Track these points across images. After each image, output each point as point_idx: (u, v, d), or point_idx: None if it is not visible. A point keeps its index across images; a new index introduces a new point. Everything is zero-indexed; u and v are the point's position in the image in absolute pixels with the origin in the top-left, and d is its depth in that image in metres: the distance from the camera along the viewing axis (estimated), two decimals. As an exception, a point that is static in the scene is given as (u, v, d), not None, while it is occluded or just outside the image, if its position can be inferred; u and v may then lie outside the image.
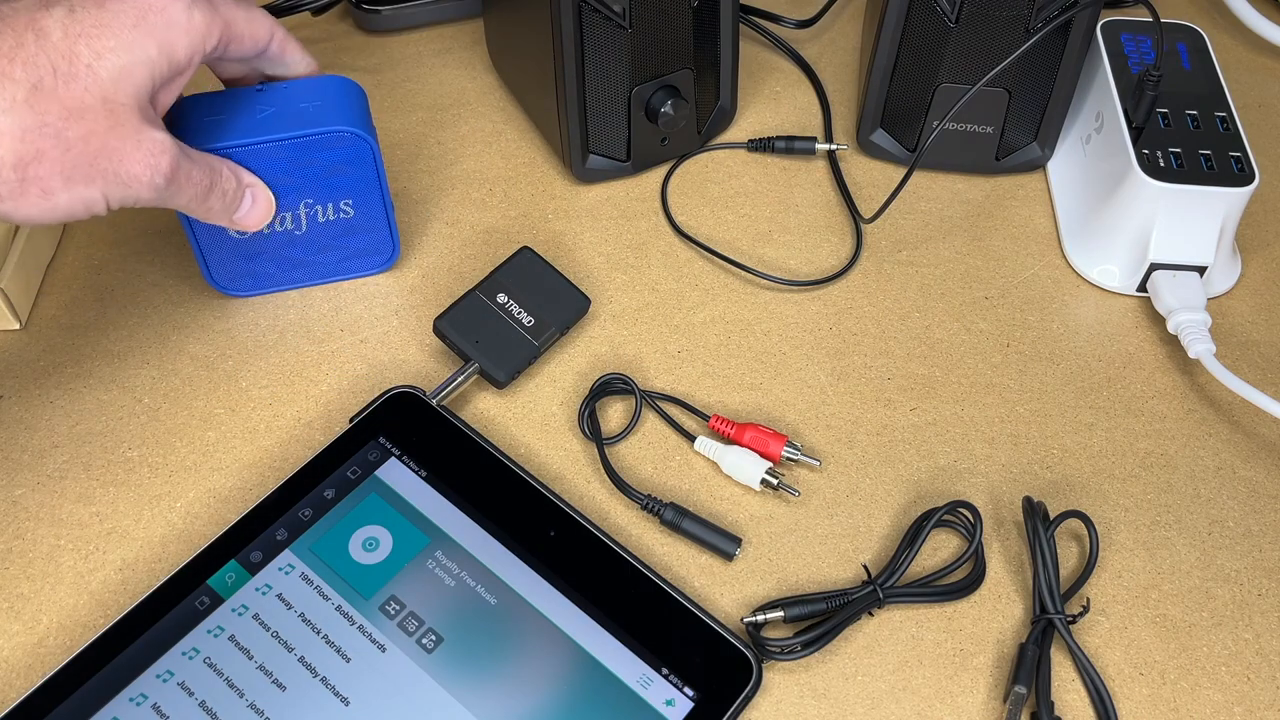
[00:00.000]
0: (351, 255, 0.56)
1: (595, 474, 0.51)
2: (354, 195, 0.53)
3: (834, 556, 0.49)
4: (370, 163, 0.52)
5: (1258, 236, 0.62)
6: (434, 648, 0.44)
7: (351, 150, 0.52)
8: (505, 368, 0.53)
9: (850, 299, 0.58)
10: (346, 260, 0.56)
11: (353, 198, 0.53)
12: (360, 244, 0.56)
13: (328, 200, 0.53)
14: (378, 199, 0.54)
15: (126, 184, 0.43)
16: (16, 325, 0.55)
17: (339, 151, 0.51)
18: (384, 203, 0.55)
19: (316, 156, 0.51)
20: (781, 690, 0.45)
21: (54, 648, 0.45)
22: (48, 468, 0.50)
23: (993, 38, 0.57)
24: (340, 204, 0.53)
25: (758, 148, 0.65)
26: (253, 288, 0.56)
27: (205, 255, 0.54)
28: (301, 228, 0.54)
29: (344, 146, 0.51)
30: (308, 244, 0.55)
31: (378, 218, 0.55)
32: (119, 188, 0.43)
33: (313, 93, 0.52)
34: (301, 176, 0.52)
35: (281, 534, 0.46)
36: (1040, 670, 0.45)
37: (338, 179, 0.52)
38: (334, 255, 0.56)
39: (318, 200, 0.53)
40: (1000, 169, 0.64)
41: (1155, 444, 0.53)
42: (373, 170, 0.53)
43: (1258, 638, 0.47)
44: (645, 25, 0.56)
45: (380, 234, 0.56)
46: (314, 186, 0.52)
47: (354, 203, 0.54)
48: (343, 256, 0.56)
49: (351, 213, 0.54)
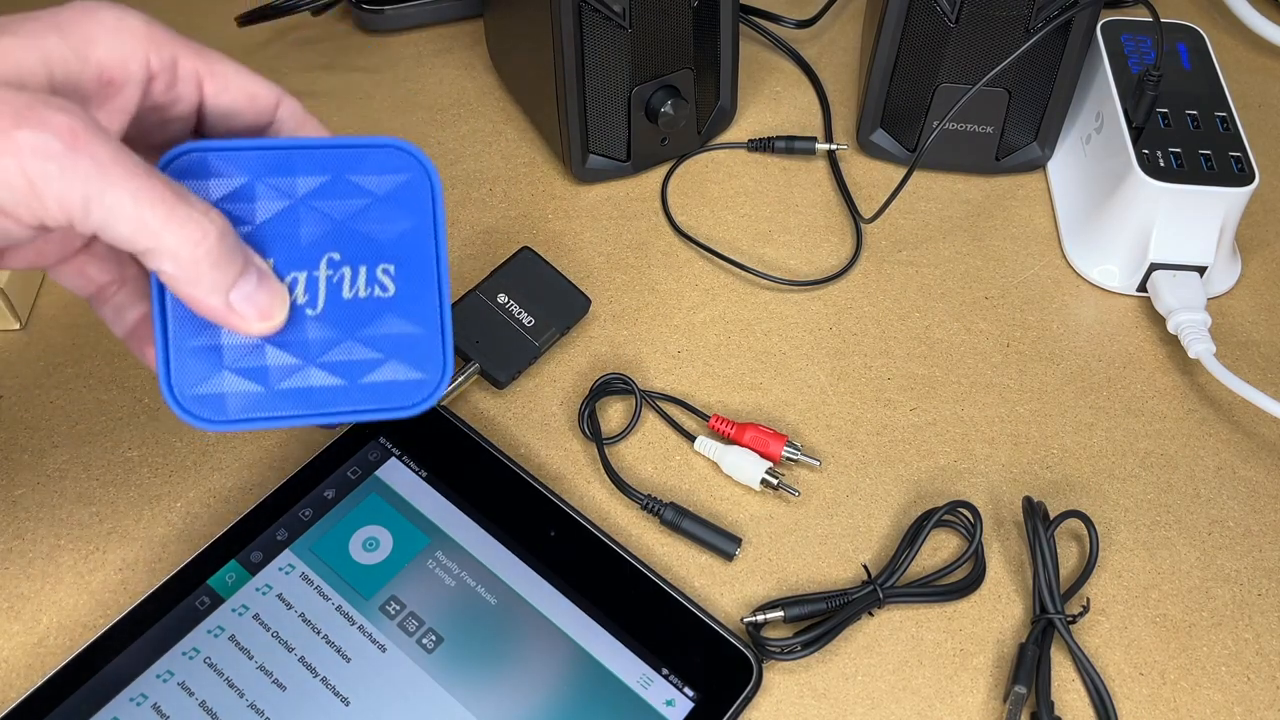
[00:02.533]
0: (381, 374, 0.37)
1: (595, 474, 0.51)
2: (400, 258, 0.36)
3: (834, 556, 0.49)
4: (428, 203, 0.37)
5: (1258, 236, 0.62)
6: (434, 648, 0.44)
7: (404, 182, 0.36)
8: (505, 368, 0.53)
9: (850, 299, 0.58)
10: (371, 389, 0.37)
11: (397, 262, 0.36)
12: (395, 345, 0.37)
13: (361, 260, 0.36)
14: (431, 268, 0.37)
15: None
16: (16, 325, 0.55)
17: (387, 181, 0.36)
18: (439, 278, 0.37)
19: (355, 181, 0.36)
20: (781, 690, 0.45)
21: (54, 648, 0.45)
22: (48, 468, 0.50)
23: (993, 38, 0.57)
24: (379, 270, 0.36)
25: (758, 148, 0.65)
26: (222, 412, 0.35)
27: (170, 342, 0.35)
28: (317, 302, 0.36)
29: (393, 171, 0.36)
30: (323, 337, 0.36)
31: (428, 305, 0.37)
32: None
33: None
34: (330, 216, 0.36)
35: (282, 534, 0.46)
36: (1040, 670, 0.45)
37: (380, 227, 0.36)
38: (358, 372, 0.36)
39: (347, 258, 0.36)
40: (1000, 169, 0.64)
41: (1155, 444, 0.53)
42: (429, 216, 0.37)
43: (1258, 638, 0.47)
44: (645, 25, 0.56)
45: (428, 330, 0.37)
46: (346, 234, 0.36)
47: (398, 270, 0.36)
48: (368, 373, 0.36)
49: (392, 288, 0.36)
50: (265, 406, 0.36)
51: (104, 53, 0.33)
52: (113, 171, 0.30)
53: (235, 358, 0.35)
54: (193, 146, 0.35)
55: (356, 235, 0.36)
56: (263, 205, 0.35)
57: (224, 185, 0.35)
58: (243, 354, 0.35)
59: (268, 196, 0.35)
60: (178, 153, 0.35)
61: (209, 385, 0.35)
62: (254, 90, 0.36)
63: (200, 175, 0.35)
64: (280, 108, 0.37)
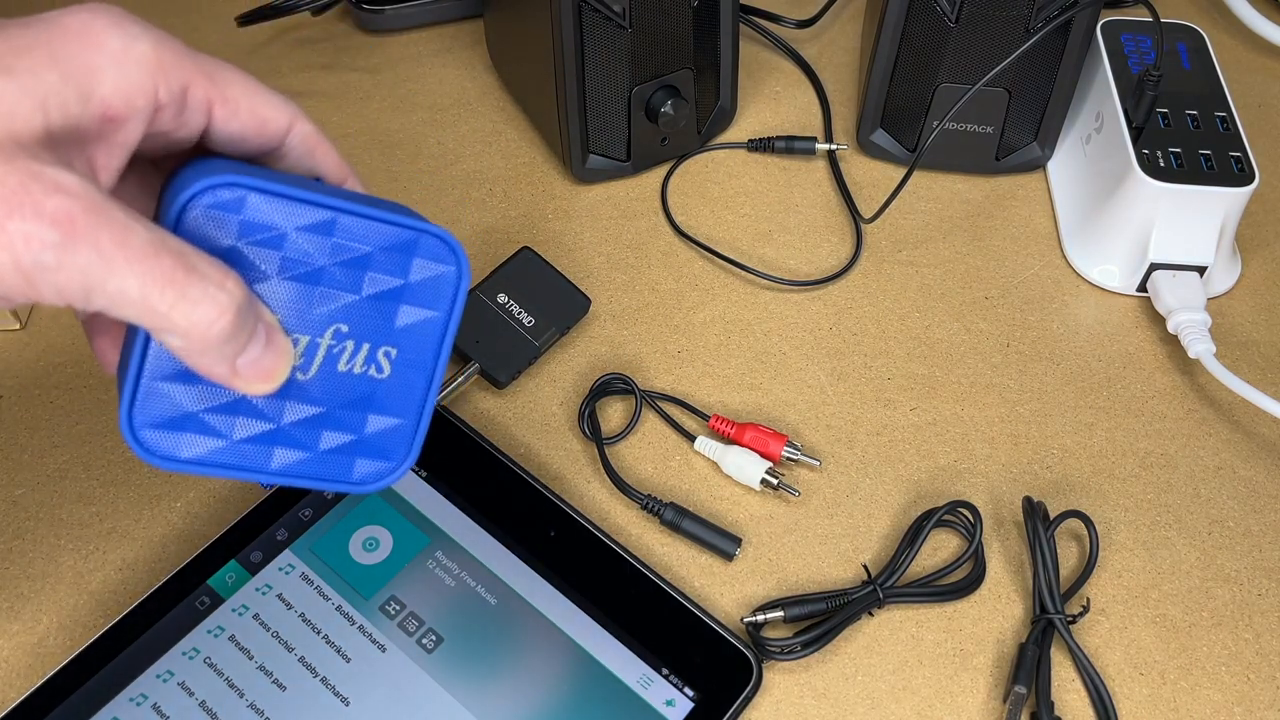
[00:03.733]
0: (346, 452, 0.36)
1: (595, 474, 0.51)
2: (405, 345, 0.36)
3: (834, 556, 0.49)
4: (451, 298, 0.36)
5: (1258, 236, 0.62)
6: (434, 648, 0.44)
7: (438, 274, 0.36)
8: (505, 368, 0.53)
9: (850, 299, 0.58)
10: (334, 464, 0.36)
11: (401, 348, 0.36)
12: (368, 428, 0.36)
13: (367, 338, 0.35)
14: (431, 361, 0.36)
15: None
16: (16, 325, 0.55)
17: (421, 269, 0.35)
18: (435, 371, 0.37)
19: (389, 262, 0.35)
20: (781, 690, 0.45)
21: (54, 648, 0.45)
22: (48, 468, 0.50)
23: (993, 38, 0.57)
24: (380, 351, 0.36)
25: (758, 148, 0.65)
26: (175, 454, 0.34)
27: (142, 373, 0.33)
28: (310, 368, 0.35)
29: (432, 260, 0.35)
30: (302, 400, 0.35)
31: (414, 396, 0.37)
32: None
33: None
34: (353, 289, 0.34)
35: (282, 534, 0.46)
36: (1040, 670, 0.45)
37: (397, 312, 0.35)
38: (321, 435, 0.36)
39: (354, 333, 0.35)
40: (1000, 169, 0.64)
41: (1155, 444, 0.53)
42: (448, 312, 0.36)
43: (1258, 638, 0.47)
44: (645, 25, 0.56)
45: (403, 425, 0.37)
46: (361, 311, 0.35)
47: (399, 355, 0.36)
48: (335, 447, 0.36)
49: (387, 371, 0.36)
50: (220, 458, 0.34)
51: (109, 89, 0.30)
52: (116, 257, 0.28)
53: (207, 405, 0.34)
54: (233, 181, 0.32)
55: (371, 313, 0.35)
56: (289, 262, 0.33)
57: (255, 231, 0.32)
58: (216, 404, 0.34)
59: (297, 254, 0.33)
60: (212, 184, 0.32)
61: (170, 425, 0.33)
62: (266, 115, 0.34)
63: (232, 211, 0.32)
64: (292, 133, 0.35)
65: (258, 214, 0.32)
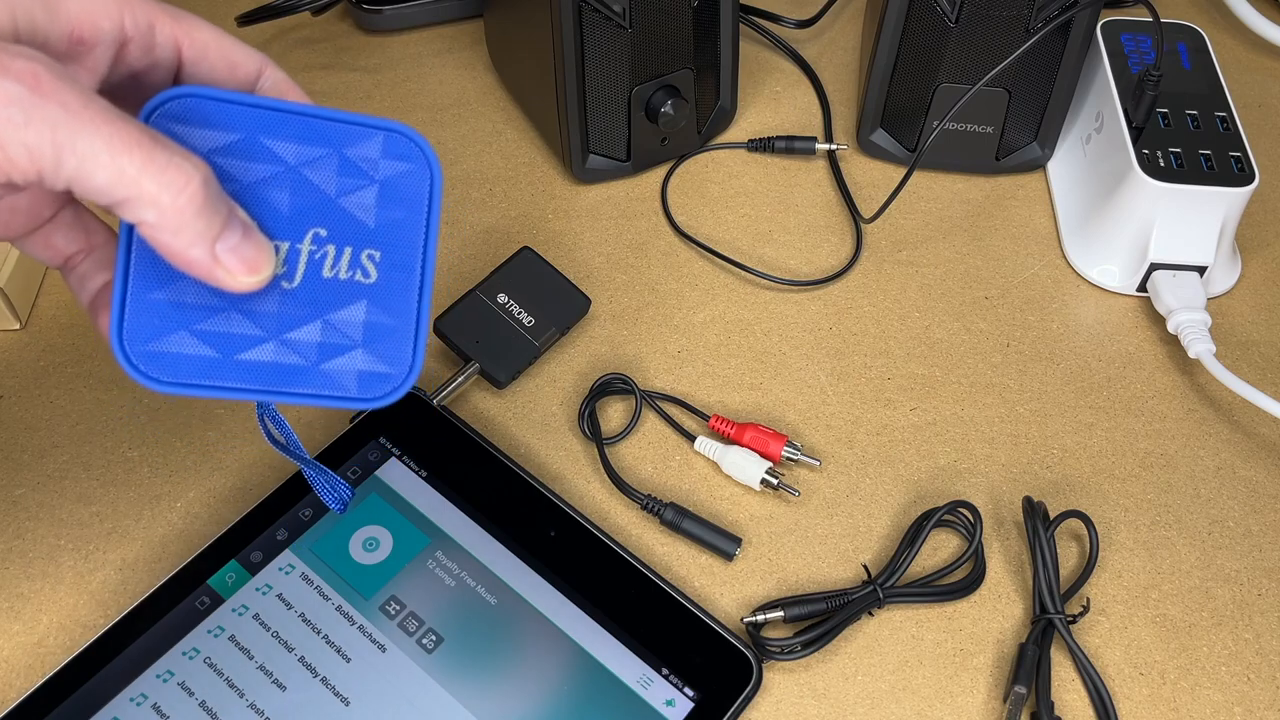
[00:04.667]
0: (347, 361, 0.35)
1: (595, 474, 0.51)
2: (387, 247, 0.35)
3: (834, 556, 0.49)
4: (425, 196, 0.35)
5: (1258, 236, 0.62)
6: (434, 648, 0.44)
7: (405, 171, 0.35)
8: (505, 368, 0.53)
9: (850, 299, 0.58)
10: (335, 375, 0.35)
11: (384, 250, 0.35)
12: (366, 334, 0.35)
13: (347, 241, 0.35)
14: (416, 262, 0.36)
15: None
16: (16, 325, 0.55)
17: (387, 167, 0.35)
18: (423, 274, 0.36)
19: (354, 161, 0.35)
20: (781, 690, 0.45)
21: (54, 648, 0.45)
22: (48, 468, 0.50)
23: (993, 38, 0.57)
24: (364, 254, 0.35)
25: (758, 148, 0.65)
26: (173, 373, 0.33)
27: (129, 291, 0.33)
28: (295, 278, 0.34)
29: (396, 158, 0.35)
30: (294, 314, 0.34)
31: (406, 300, 0.36)
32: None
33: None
34: (323, 190, 0.34)
35: (282, 534, 0.46)
36: (1040, 670, 0.45)
37: (372, 212, 0.35)
38: (322, 355, 0.35)
39: (334, 236, 0.35)
40: (1000, 169, 0.64)
41: (1155, 444, 0.53)
42: (424, 210, 0.35)
43: (1258, 638, 0.47)
44: (645, 25, 0.56)
45: (402, 324, 0.36)
46: (336, 212, 0.35)
47: (383, 258, 0.35)
48: (333, 357, 0.35)
49: (374, 274, 0.35)
50: (219, 374, 0.34)
51: (75, 9, 0.31)
52: (83, 116, 0.29)
53: (197, 319, 0.33)
54: (186, 91, 0.32)
55: (347, 215, 0.35)
56: (254, 166, 0.33)
57: (215, 138, 0.33)
58: (205, 316, 0.33)
59: (260, 158, 0.33)
60: (168, 96, 0.32)
61: (164, 343, 0.33)
62: (235, 58, 0.35)
63: (190, 122, 0.33)
64: (263, 77, 0.35)
65: (220, 121, 0.33)
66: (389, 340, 0.35)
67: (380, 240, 0.35)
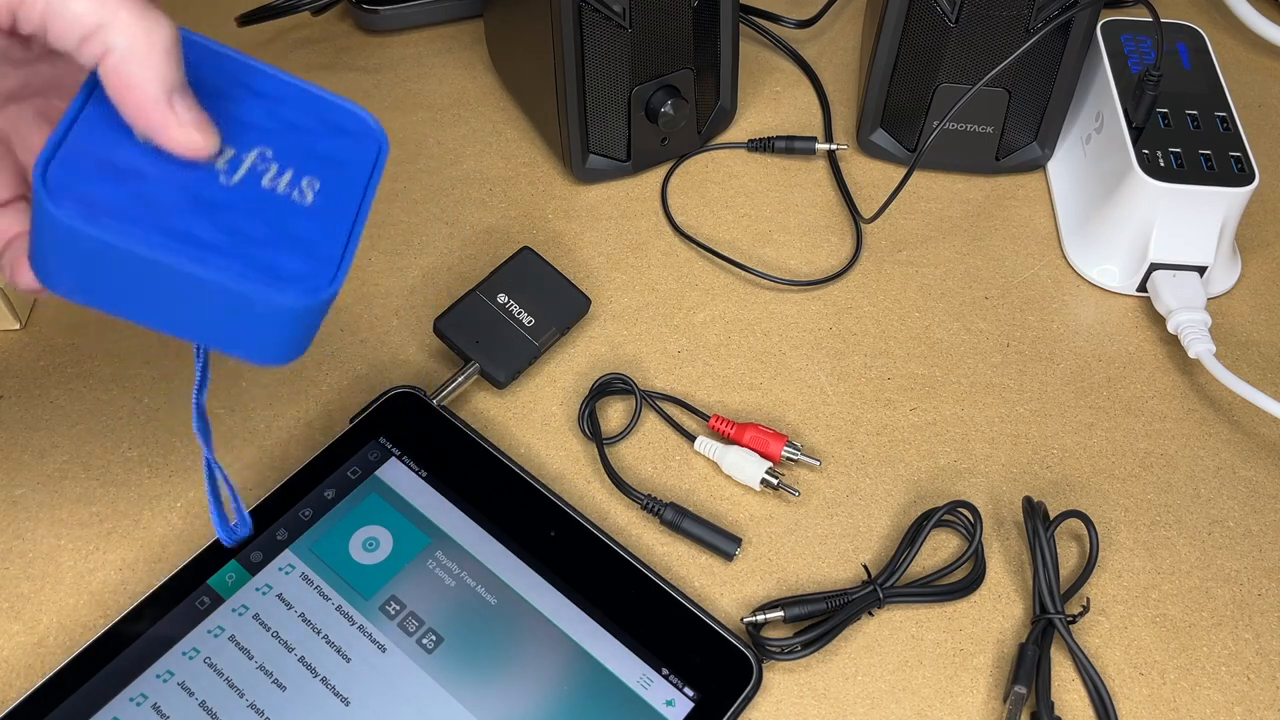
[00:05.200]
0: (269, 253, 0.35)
1: (595, 474, 0.51)
2: (327, 180, 0.38)
3: (834, 556, 0.49)
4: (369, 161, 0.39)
5: (1258, 236, 0.62)
6: (434, 648, 0.44)
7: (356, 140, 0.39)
8: (505, 368, 0.53)
9: (850, 299, 0.58)
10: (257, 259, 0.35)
11: (324, 180, 0.37)
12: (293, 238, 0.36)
13: (290, 164, 0.37)
14: (352, 203, 0.38)
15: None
16: (16, 325, 0.55)
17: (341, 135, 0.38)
18: (357, 213, 0.38)
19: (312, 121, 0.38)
20: (781, 690, 0.45)
21: (54, 648, 0.45)
22: (48, 468, 0.50)
23: (993, 38, 0.57)
24: (304, 180, 0.37)
25: (758, 148, 0.65)
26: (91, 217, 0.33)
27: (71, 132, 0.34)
28: (234, 176, 0.36)
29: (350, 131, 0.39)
30: (226, 203, 0.35)
31: (339, 223, 0.37)
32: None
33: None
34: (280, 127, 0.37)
35: (282, 534, 0.46)
36: (1040, 670, 0.45)
37: (319, 156, 0.38)
38: (247, 244, 0.35)
39: (278, 157, 0.37)
40: (1000, 169, 0.64)
41: (1155, 444, 0.53)
42: (367, 171, 0.39)
43: (1258, 638, 0.47)
44: (645, 25, 0.56)
45: (329, 247, 0.37)
46: (286, 143, 0.37)
47: (322, 188, 0.37)
48: (257, 249, 0.35)
49: (310, 198, 0.37)
50: (139, 233, 0.33)
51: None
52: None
53: (129, 179, 0.34)
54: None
55: (294, 146, 0.37)
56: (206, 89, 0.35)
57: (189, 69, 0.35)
58: (138, 179, 0.34)
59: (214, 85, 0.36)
60: None
61: (90, 189, 0.33)
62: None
63: None
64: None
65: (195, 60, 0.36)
66: (316, 247, 0.36)
67: (321, 175, 0.37)
